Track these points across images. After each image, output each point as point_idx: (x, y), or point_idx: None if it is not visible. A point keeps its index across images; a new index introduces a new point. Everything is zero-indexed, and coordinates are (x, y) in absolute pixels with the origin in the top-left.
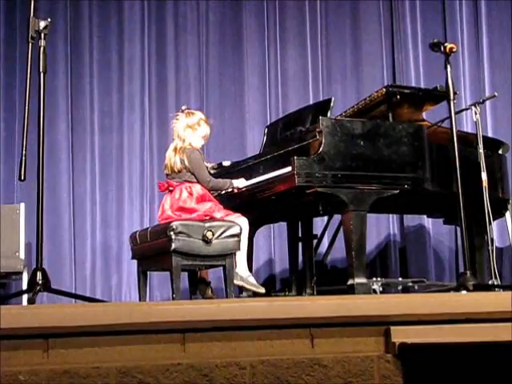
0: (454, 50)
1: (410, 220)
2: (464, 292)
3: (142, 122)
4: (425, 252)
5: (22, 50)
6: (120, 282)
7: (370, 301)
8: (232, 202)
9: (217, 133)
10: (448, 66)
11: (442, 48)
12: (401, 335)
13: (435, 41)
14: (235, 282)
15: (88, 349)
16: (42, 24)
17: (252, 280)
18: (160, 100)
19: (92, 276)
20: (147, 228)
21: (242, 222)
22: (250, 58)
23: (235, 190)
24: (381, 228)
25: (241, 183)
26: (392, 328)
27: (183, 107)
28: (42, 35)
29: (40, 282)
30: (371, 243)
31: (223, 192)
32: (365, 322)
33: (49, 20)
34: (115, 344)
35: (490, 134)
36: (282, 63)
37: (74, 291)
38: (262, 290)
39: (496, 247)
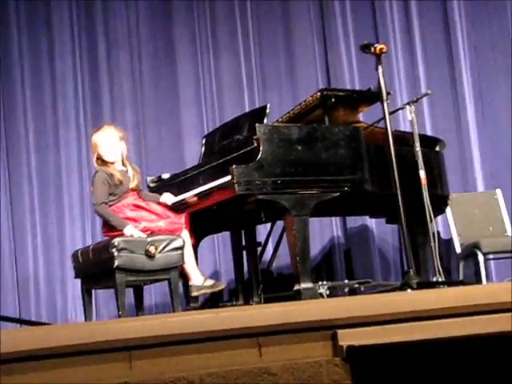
0: (384, 50)
1: (353, 222)
2: (408, 290)
3: (79, 139)
4: (370, 252)
5: None
6: (65, 302)
7: (316, 305)
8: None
9: (155, 146)
10: (379, 67)
11: (373, 49)
12: (348, 338)
13: (365, 42)
14: (194, 293)
15: (34, 373)
16: None
17: (209, 282)
18: (95, 117)
19: (36, 299)
20: (89, 246)
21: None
22: (184, 69)
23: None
24: (324, 231)
25: (130, 231)
26: (339, 331)
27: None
28: None
29: None
30: (315, 247)
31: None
32: (312, 327)
33: None
34: (60, 366)
35: (428, 132)
36: (215, 73)
37: (18, 315)
38: (223, 285)
39: (443, 241)
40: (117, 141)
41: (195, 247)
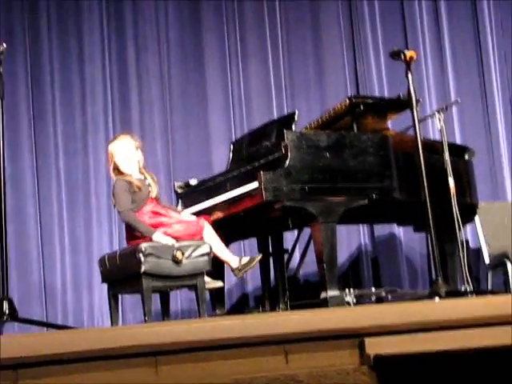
0: (415, 57)
1: (381, 229)
2: (437, 299)
3: (107, 143)
4: (397, 260)
5: None
6: (91, 307)
7: (343, 313)
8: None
9: (182, 152)
10: (409, 74)
11: (402, 56)
12: (375, 347)
13: (395, 49)
14: (239, 275)
15: (59, 378)
16: None
17: (245, 260)
18: (124, 121)
19: (63, 302)
20: (116, 251)
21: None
22: (212, 75)
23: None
24: (352, 239)
25: (158, 237)
26: (366, 340)
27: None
28: None
29: (6, 311)
30: (343, 254)
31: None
32: (339, 335)
33: (4, 45)
34: (86, 371)
35: (457, 140)
36: (244, 79)
37: (45, 319)
38: (259, 256)
39: (472, 250)
40: (133, 150)
41: None
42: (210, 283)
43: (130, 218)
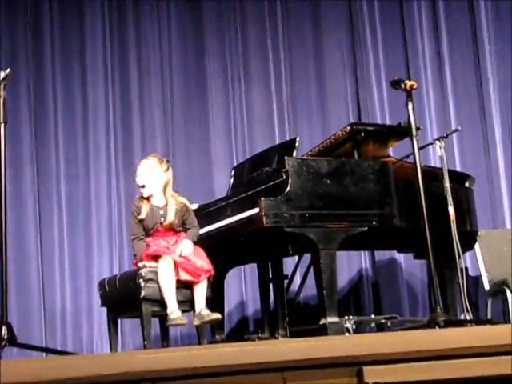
0: (415, 86)
1: (382, 254)
2: (436, 328)
3: (109, 168)
4: (397, 286)
5: None
6: (91, 331)
7: (342, 341)
8: (206, 242)
9: (184, 176)
10: (409, 103)
11: (403, 85)
12: (373, 375)
13: (396, 78)
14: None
15: None
16: (2, 74)
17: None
18: (126, 146)
19: (62, 327)
20: (116, 275)
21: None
22: (215, 99)
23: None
24: (352, 263)
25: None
26: (365, 368)
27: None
28: (2, 85)
29: (5, 336)
30: (343, 278)
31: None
32: (337, 363)
33: (8, 70)
34: None
35: (457, 167)
36: (246, 104)
37: (44, 344)
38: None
39: (471, 278)
40: (154, 172)
41: (221, 279)
42: (209, 316)
43: (132, 244)
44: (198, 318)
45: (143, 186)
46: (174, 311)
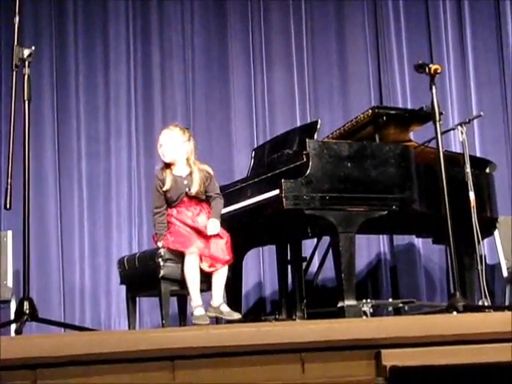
0: (439, 71)
1: (400, 239)
2: (454, 313)
3: (129, 147)
4: (415, 271)
5: (6, 78)
6: (109, 308)
7: (360, 324)
8: (226, 223)
9: (204, 157)
10: (433, 87)
11: (427, 69)
12: (392, 358)
13: (420, 62)
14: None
15: (77, 379)
16: (26, 52)
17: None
18: (147, 125)
19: (81, 303)
20: (135, 253)
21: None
22: (236, 81)
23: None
24: (371, 247)
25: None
26: (383, 351)
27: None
28: (27, 63)
29: (27, 311)
30: (362, 262)
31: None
32: (355, 346)
33: (33, 48)
34: (104, 373)
35: (477, 153)
36: (268, 86)
37: (63, 319)
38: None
39: (487, 265)
40: (178, 142)
41: (240, 260)
42: (229, 315)
43: (154, 220)
44: (214, 311)
45: (165, 156)
46: (197, 307)
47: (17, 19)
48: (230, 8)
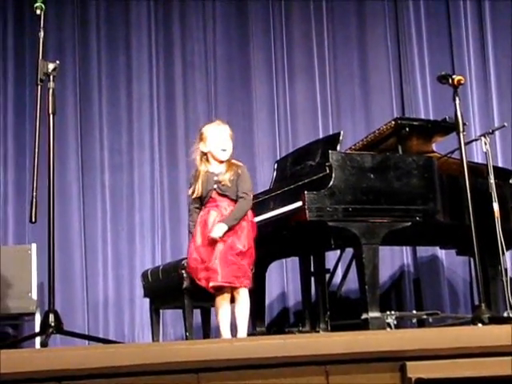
0: (462, 82)
1: (424, 250)
2: (479, 325)
3: (152, 159)
4: (439, 283)
5: (31, 92)
6: (133, 321)
7: (385, 336)
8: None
9: None
10: (456, 98)
11: (450, 80)
12: (417, 370)
13: (443, 73)
14: None
15: None
16: (51, 66)
17: None
18: (169, 137)
19: (105, 316)
20: (159, 266)
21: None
22: (259, 92)
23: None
24: (395, 259)
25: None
26: (408, 363)
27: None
28: (51, 77)
29: (52, 324)
30: (385, 274)
31: None
32: (380, 358)
33: (57, 62)
34: None
35: (500, 164)
36: (290, 97)
37: (86, 332)
38: None
39: (511, 277)
40: (228, 140)
41: (263, 271)
42: None
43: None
44: None
45: (225, 150)
46: None
47: (41, 34)
48: (252, 19)
